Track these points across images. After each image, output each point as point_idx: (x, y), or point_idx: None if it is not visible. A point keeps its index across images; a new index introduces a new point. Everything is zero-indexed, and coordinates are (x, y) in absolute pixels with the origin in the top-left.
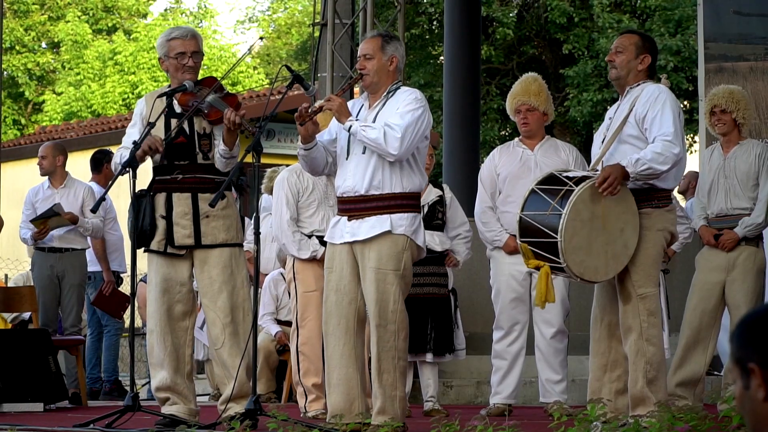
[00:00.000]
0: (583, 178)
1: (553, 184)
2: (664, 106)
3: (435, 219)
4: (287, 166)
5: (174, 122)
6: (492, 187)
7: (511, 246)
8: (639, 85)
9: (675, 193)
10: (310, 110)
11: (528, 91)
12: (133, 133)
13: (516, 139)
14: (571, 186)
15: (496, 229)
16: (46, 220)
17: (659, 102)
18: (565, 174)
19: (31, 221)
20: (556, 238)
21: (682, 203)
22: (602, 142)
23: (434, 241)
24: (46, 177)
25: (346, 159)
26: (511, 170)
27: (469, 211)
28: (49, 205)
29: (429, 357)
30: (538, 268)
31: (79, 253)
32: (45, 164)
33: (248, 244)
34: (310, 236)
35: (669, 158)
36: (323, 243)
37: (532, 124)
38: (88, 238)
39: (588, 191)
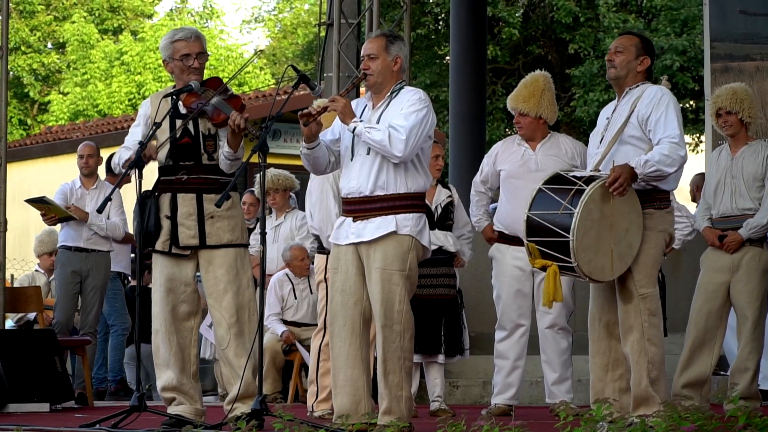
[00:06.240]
0: (591, 178)
1: (562, 184)
2: (668, 108)
3: (448, 219)
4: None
5: (179, 123)
6: (487, 175)
7: (488, 234)
8: (638, 86)
9: (674, 197)
10: (314, 111)
11: (518, 96)
12: (136, 132)
13: (519, 135)
14: (581, 185)
15: (480, 214)
16: (43, 206)
17: (663, 104)
18: (571, 174)
19: (27, 200)
20: (568, 238)
21: (692, 209)
22: (600, 142)
23: (448, 241)
24: (77, 176)
25: (351, 160)
26: (511, 169)
27: None
28: (80, 204)
29: (441, 358)
30: (543, 268)
31: (104, 255)
32: (91, 162)
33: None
34: None
35: (676, 160)
36: None
37: (525, 128)
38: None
39: (598, 191)
